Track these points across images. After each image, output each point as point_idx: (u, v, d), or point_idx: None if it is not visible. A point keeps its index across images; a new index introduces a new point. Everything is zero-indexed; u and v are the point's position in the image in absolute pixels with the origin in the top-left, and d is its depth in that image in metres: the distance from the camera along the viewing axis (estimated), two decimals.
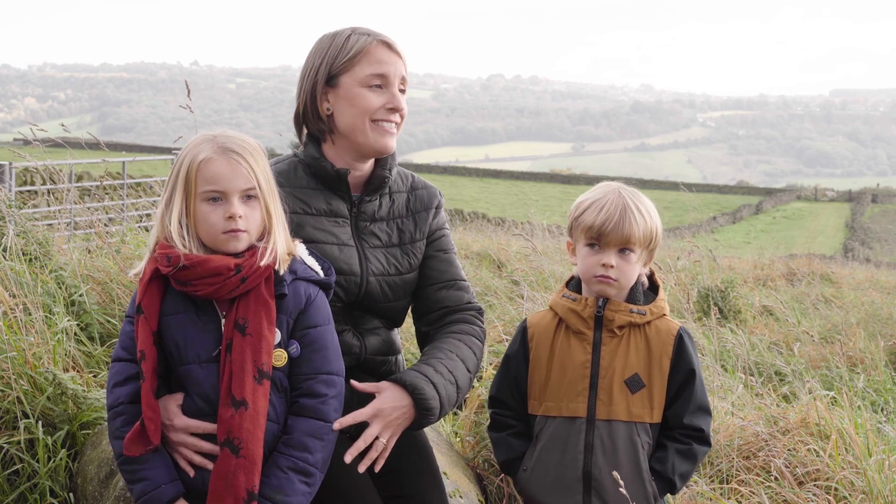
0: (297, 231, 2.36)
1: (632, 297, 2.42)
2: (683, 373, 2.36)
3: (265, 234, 2.17)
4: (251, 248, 2.14)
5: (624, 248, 2.35)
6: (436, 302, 2.57)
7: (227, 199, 2.11)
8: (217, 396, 2.10)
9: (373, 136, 2.45)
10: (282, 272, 2.13)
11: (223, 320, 2.12)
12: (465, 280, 2.63)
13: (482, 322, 2.61)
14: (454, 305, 2.58)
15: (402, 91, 2.50)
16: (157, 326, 2.12)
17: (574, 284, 2.49)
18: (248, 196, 2.14)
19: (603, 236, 2.35)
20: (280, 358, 2.13)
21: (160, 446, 2.11)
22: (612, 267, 2.35)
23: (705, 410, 2.38)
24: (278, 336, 2.13)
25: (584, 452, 2.34)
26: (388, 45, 2.46)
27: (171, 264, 2.08)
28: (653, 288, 2.49)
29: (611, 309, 2.39)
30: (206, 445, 2.11)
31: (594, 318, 2.40)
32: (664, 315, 2.42)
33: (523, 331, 2.52)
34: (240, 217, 2.11)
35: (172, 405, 2.15)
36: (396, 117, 2.48)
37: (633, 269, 2.38)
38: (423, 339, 2.61)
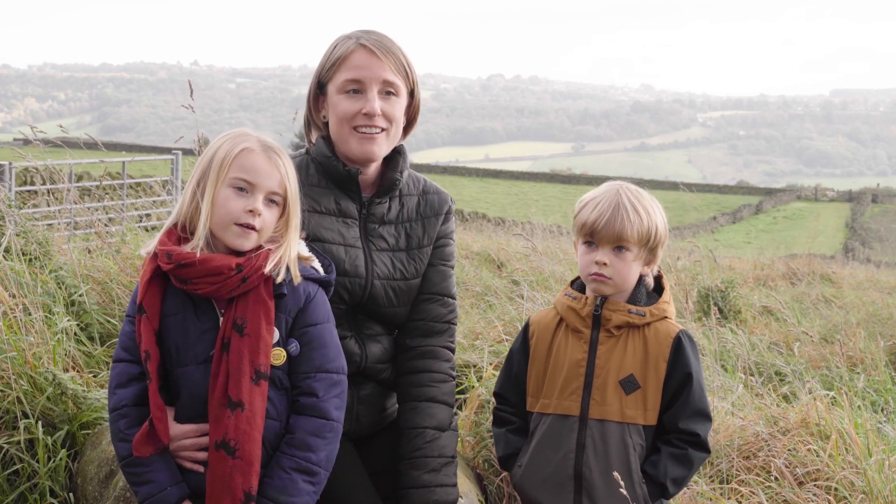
0: (304, 229, 2.35)
1: (633, 298, 2.41)
2: (680, 376, 2.34)
3: (277, 240, 2.17)
4: (255, 249, 2.14)
5: (619, 246, 2.35)
6: (417, 312, 2.55)
7: (253, 194, 2.11)
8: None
9: (355, 144, 2.43)
10: (278, 280, 2.12)
11: (221, 319, 2.12)
12: (453, 297, 2.61)
13: (452, 346, 2.59)
14: (431, 319, 2.55)
15: (392, 94, 2.44)
16: (158, 325, 2.12)
17: (579, 284, 2.49)
18: (272, 200, 2.15)
19: (596, 233, 2.35)
20: (279, 356, 2.13)
21: (166, 447, 2.11)
22: (605, 265, 2.34)
23: (703, 416, 2.34)
24: (277, 335, 2.12)
25: (576, 451, 2.34)
26: (368, 49, 2.40)
27: (171, 261, 2.08)
28: (659, 290, 2.47)
29: (608, 308, 2.38)
30: (202, 455, 2.12)
31: (592, 316, 2.39)
32: (666, 318, 2.40)
33: (526, 327, 2.53)
34: (258, 215, 2.11)
35: (168, 418, 2.14)
36: (378, 121, 2.42)
37: (630, 268, 2.37)
38: (397, 352, 2.57)
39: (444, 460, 2.45)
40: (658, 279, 2.49)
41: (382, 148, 2.46)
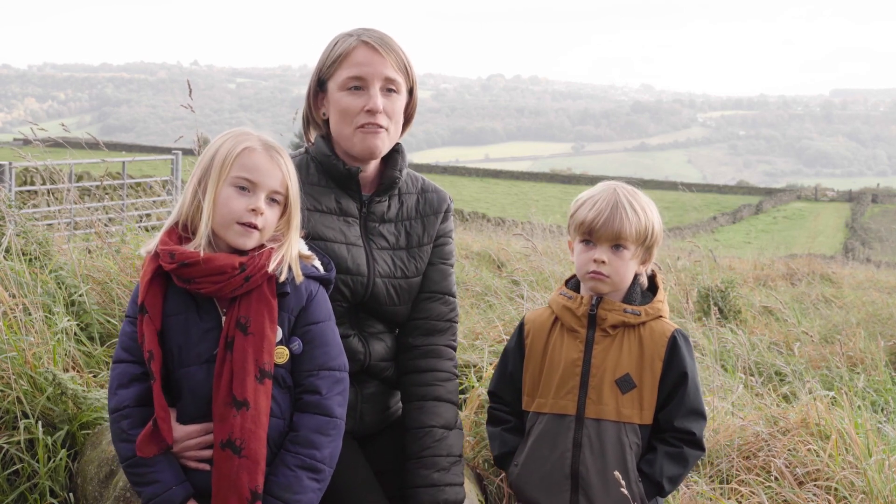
0: (305, 227, 2.35)
1: (628, 297, 2.43)
2: (675, 375, 2.36)
3: (279, 239, 2.17)
4: (258, 248, 2.14)
5: (617, 245, 2.37)
6: (418, 311, 2.56)
7: (255, 193, 2.12)
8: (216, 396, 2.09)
9: (357, 140, 2.43)
10: (282, 279, 2.12)
11: (224, 318, 2.12)
12: (453, 295, 2.62)
13: (454, 345, 2.60)
14: (433, 317, 2.56)
15: (393, 91, 2.44)
16: (160, 325, 2.12)
17: (573, 283, 2.51)
18: (273, 199, 2.15)
19: (594, 232, 2.36)
20: (282, 355, 2.13)
21: (169, 447, 2.11)
22: (603, 263, 2.36)
23: (698, 414, 2.36)
24: (280, 333, 2.13)
25: (573, 450, 2.35)
26: (370, 46, 2.41)
27: (175, 261, 2.08)
28: (653, 289, 2.49)
29: (604, 308, 2.40)
30: (207, 453, 2.12)
31: (588, 316, 2.41)
32: (661, 317, 2.42)
33: (521, 327, 2.55)
34: (261, 214, 2.11)
35: (171, 418, 2.14)
36: (380, 119, 2.42)
37: (627, 266, 2.39)
38: (400, 351, 2.58)
39: (452, 459, 2.46)
40: (652, 278, 2.50)
41: (385, 143, 2.47)
